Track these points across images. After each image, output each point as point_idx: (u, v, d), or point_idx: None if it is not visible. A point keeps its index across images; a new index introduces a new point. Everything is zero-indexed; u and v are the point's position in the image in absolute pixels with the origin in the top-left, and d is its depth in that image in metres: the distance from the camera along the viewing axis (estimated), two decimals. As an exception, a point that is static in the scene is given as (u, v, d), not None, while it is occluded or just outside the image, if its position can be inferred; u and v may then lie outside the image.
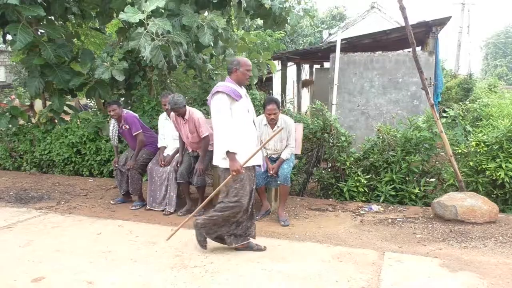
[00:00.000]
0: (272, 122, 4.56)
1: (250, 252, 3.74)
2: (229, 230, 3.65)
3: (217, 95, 3.45)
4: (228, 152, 3.37)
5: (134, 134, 5.16)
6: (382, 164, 5.49)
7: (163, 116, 5.22)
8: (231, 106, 3.43)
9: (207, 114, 6.54)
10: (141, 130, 5.26)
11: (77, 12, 7.02)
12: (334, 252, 3.75)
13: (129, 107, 6.98)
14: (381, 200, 5.32)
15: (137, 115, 5.47)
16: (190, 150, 5.06)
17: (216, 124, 3.44)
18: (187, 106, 4.76)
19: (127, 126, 5.17)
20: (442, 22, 8.59)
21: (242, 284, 3.15)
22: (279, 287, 3.11)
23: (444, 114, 5.94)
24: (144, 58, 5.43)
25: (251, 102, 3.78)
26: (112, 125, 5.26)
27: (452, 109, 5.77)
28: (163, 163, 5.06)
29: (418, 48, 9.55)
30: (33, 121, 7.63)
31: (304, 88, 15.43)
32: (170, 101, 4.64)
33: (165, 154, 5.19)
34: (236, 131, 3.41)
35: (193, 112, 4.80)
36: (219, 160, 3.52)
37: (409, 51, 7.44)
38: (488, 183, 5.00)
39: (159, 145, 5.24)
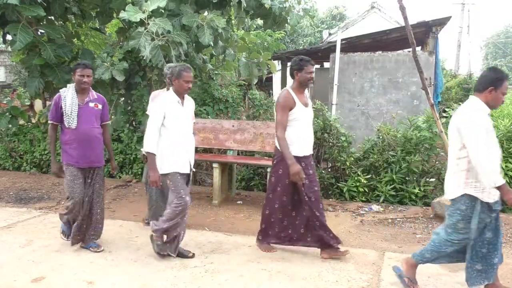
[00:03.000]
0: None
1: (250, 252, 3.74)
2: None
3: None
4: None
5: (104, 122, 3.87)
6: (382, 164, 5.49)
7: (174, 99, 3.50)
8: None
9: (207, 114, 6.55)
10: None
11: (77, 12, 7.00)
12: (334, 252, 3.75)
13: (129, 107, 6.98)
14: (381, 200, 5.32)
15: None
16: None
17: None
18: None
19: (99, 106, 3.77)
20: (442, 22, 8.58)
21: (242, 284, 3.15)
22: (279, 287, 3.11)
23: (444, 114, 5.94)
24: (144, 58, 5.42)
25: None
26: (71, 96, 3.61)
27: (452, 109, 5.77)
28: None
29: (418, 48, 9.54)
30: (33, 121, 7.63)
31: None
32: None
33: None
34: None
35: None
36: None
37: (409, 51, 7.43)
38: (488, 183, 4.99)
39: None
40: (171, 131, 3.42)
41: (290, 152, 3.40)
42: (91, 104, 3.71)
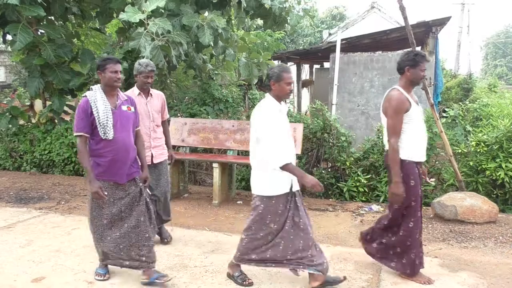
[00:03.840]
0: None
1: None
2: None
3: None
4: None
5: (137, 128, 3.27)
6: (382, 164, 5.49)
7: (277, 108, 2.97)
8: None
9: (207, 114, 6.55)
10: None
11: (77, 12, 7.01)
12: (334, 252, 3.75)
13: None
14: (381, 200, 5.32)
15: None
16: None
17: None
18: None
19: (132, 109, 3.17)
20: (442, 22, 8.59)
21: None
22: (279, 287, 3.11)
23: (444, 114, 5.94)
24: (144, 58, 5.43)
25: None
26: (102, 100, 2.99)
27: (452, 109, 5.77)
28: None
29: (418, 48, 9.53)
30: (33, 121, 7.63)
31: (304, 88, 15.42)
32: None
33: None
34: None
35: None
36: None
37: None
38: (488, 183, 5.00)
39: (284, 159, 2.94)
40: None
41: (399, 168, 3.02)
42: (124, 108, 3.08)
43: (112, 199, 3.04)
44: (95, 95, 2.98)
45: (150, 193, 3.57)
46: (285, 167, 2.79)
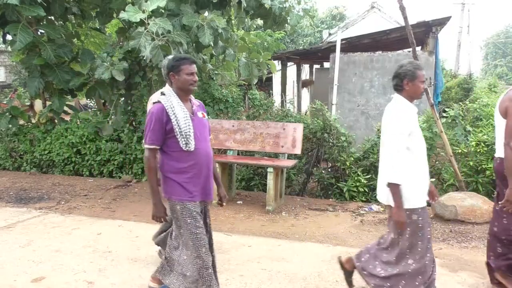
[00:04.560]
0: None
1: (250, 252, 3.74)
2: None
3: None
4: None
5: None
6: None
7: None
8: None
9: (207, 114, 6.54)
10: None
11: (77, 12, 7.02)
12: (334, 252, 3.75)
13: (129, 107, 6.98)
14: (381, 200, 5.32)
15: None
16: None
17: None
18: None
19: (206, 116, 2.81)
20: (442, 22, 8.58)
21: (242, 284, 3.15)
22: (279, 287, 3.11)
23: (444, 114, 5.94)
24: (144, 58, 5.43)
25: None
26: (180, 106, 2.55)
27: (452, 109, 5.77)
28: None
29: (418, 48, 9.53)
30: (33, 121, 7.63)
31: (304, 88, 15.42)
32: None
33: None
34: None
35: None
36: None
37: (409, 51, 7.42)
38: (488, 183, 4.99)
39: None
40: (416, 154, 2.54)
41: None
42: (199, 114, 2.71)
43: (196, 222, 2.55)
44: (171, 101, 2.52)
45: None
46: (393, 187, 2.45)
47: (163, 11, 5.78)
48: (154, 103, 2.58)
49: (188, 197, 2.53)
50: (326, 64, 15.10)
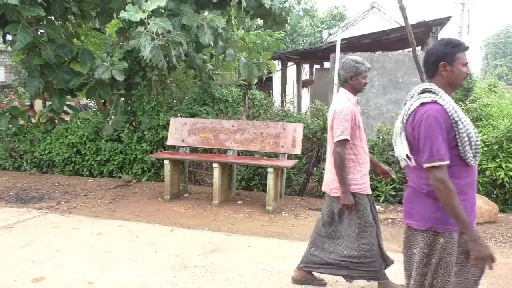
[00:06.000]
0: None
1: (250, 252, 3.74)
2: None
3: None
4: None
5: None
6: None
7: None
8: None
9: (207, 114, 6.55)
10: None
11: (77, 12, 7.02)
12: (334, 252, 3.74)
13: (129, 107, 6.98)
14: (381, 200, 5.32)
15: None
16: None
17: None
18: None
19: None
20: (442, 22, 8.59)
21: (242, 284, 3.15)
22: (279, 287, 3.11)
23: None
24: (144, 58, 5.43)
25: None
26: (460, 110, 2.00)
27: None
28: None
29: (418, 48, 9.54)
30: (33, 121, 7.63)
31: (304, 88, 15.43)
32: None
33: None
34: None
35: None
36: None
37: (409, 51, 7.43)
38: (488, 183, 5.00)
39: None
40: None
41: None
42: None
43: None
44: (451, 102, 1.98)
45: None
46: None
47: (163, 11, 5.78)
48: (424, 103, 1.99)
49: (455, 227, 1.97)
50: (326, 64, 15.11)
